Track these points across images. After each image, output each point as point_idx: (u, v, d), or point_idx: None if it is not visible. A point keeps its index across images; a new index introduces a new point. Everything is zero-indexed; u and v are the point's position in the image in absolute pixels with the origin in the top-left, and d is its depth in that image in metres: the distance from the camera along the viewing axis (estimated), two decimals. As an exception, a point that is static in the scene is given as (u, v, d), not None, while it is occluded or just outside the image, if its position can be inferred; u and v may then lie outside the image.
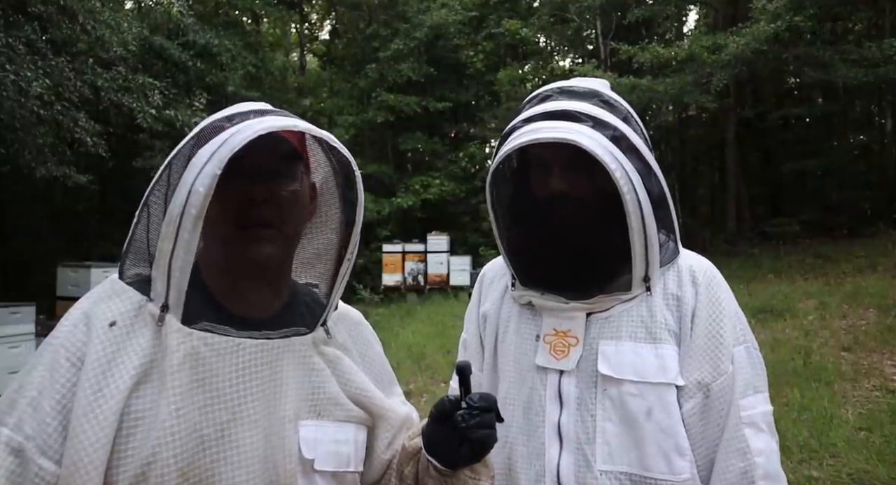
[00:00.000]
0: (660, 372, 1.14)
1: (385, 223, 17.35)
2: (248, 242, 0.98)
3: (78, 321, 0.94)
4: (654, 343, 1.16)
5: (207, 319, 0.95)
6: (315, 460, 1.00)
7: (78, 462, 0.85)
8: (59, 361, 0.91)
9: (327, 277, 1.15)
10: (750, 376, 1.17)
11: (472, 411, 1.00)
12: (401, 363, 7.76)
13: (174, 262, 0.91)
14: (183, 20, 13.40)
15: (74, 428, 0.86)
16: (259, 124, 0.93)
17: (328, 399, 1.04)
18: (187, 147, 0.97)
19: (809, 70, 13.36)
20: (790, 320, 7.78)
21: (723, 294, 1.21)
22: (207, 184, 0.89)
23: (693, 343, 1.16)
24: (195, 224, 0.90)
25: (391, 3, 19.49)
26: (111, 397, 0.88)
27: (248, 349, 0.96)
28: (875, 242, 12.42)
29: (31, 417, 0.88)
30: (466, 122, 20.65)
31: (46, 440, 0.87)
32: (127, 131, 12.68)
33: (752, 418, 1.14)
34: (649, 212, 1.13)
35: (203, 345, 0.93)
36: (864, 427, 4.46)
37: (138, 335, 0.93)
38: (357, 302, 11.06)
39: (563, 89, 1.26)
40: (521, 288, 1.28)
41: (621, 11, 16.42)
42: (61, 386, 0.89)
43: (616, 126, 1.16)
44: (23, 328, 6.07)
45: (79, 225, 15.57)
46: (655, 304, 1.18)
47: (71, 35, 9.42)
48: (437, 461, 1.05)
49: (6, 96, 7.78)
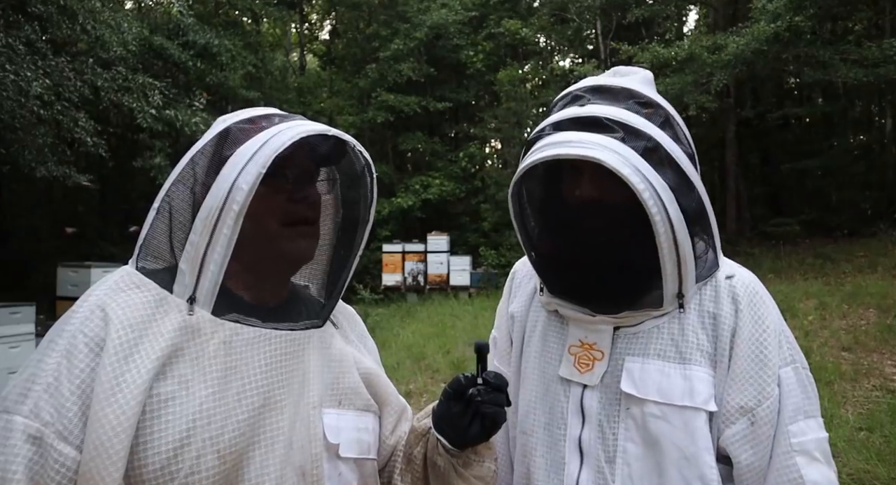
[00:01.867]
0: (686, 395, 1.07)
1: (385, 223, 17.34)
2: (291, 238, 1.03)
3: (94, 308, 0.94)
4: (684, 364, 1.09)
5: (237, 311, 0.99)
6: (340, 445, 1.04)
7: (100, 447, 0.85)
8: (78, 346, 0.91)
9: (319, 277, 1.21)
10: (800, 400, 1.08)
11: (488, 387, 1.04)
12: (401, 363, 7.76)
13: (209, 255, 0.94)
14: (183, 20, 13.41)
15: (96, 413, 0.87)
16: (299, 127, 0.99)
17: (349, 389, 1.09)
18: (211, 145, 1.01)
19: (809, 70, 13.35)
20: (790, 320, 7.71)
21: (766, 311, 1.11)
22: (251, 181, 0.94)
23: (734, 365, 1.08)
24: (236, 220, 0.94)
25: (391, 3, 19.49)
26: (133, 381, 0.89)
27: (275, 340, 1.00)
28: (875, 242, 12.42)
29: (48, 402, 0.87)
30: (466, 122, 20.66)
31: (67, 425, 0.87)
32: (127, 131, 12.69)
33: (803, 445, 1.05)
34: (682, 230, 1.06)
35: (234, 335, 0.97)
36: (864, 427, 4.47)
37: (160, 325, 0.94)
38: (357, 302, 11.05)
39: (597, 88, 1.18)
40: (549, 295, 1.23)
41: (621, 11, 16.42)
42: (80, 371, 0.89)
43: (651, 135, 1.07)
44: (23, 328, 6.06)
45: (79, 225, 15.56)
46: (689, 322, 1.11)
47: (71, 35, 9.42)
48: (446, 440, 1.09)
49: (6, 96, 7.78)
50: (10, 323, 5.97)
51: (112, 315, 0.93)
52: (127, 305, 0.94)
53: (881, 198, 15.33)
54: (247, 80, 16.73)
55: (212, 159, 1.00)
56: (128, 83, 10.23)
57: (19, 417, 0.87)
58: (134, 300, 0.95)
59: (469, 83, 19.83)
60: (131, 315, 0.93)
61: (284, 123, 1.01)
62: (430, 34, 18.16)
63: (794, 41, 12.89)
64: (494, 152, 21.97)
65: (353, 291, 12.38)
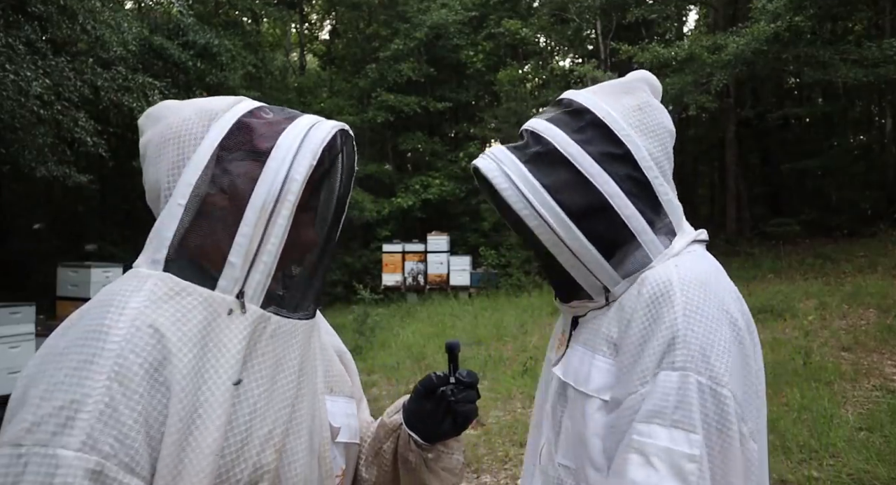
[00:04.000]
0: (584, 382, 1.13)
1: (385, 223, 17.35)
2: (307, 224, 1.04)
3: (140, 326, 0.85)
4: (593, 353, 1.15)
5: (275, 303, 0.99)
6: (340, 429, 1.09)
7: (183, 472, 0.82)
8: (132, 368, 0.82)
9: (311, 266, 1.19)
10: (669, 406, 0.98)
11: (460, 386, 1.10)
12: (401, 363, 7.76)
13: (264, 247, 0.94)
14: (183, 20, 13.42)
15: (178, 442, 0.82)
16: (328, 121, 1.02)
17: (337, 376, 1.14)
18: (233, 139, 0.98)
19: (809, 70, 13.35)
20: (790, 320, 7.79)
21: (667, 311, 1.05)
22: (304, 172, 0.95)
23: (620, 357, 1.09)
24: (291, 211, 0.95)
25: (391, 3, 19.50)
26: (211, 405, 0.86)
27: (300, 330, 1.00)
28: (875, 242, 12.42)
29: (104, 432, 0.78)
30: (466, 122, 20.66)
31: (133, 456, 0.79)
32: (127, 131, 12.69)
33: (643, 445, 0.97)
34: (563, 224, 1.12)
35: (278, 328, 0.97)
36: (864, 427, 4.47)
37: (219, 333, 0.90)
38: (357, 302, 11.04)
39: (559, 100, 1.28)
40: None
41: (621, 11, 16.43)
42: (140, 396, 0.81)
43: (549, 141, 1.15)
44: (23, 328, 6.06)
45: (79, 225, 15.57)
46: (610, 314, 1.16)
47: (71, 35, 9.43)
48: (418, 435, 1.14)
49: (6, 96, 7.78)
50: (10, 323, 5.97)
51: (167, 333, 0.86)
52: (178, 319, 0.88)
53: (881, 198, 15.33)
54: (247, 80, 16.74)
55: (243, 152, 0.97)
56: (128, 83, 10.24)
57: (67, 451, 0.75)
58: (183, 311, 0.89)
59: (469, 83, 19.84)
60: (187, 329, 0.88)
61: (304, 116, 1.04)
62: (430, 34, 18.17)
63: (794, 41, 12.89)
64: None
65: (353, 290, 12.37)
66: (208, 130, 0.99)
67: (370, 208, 16.71)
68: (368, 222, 17.04)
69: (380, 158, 19.56)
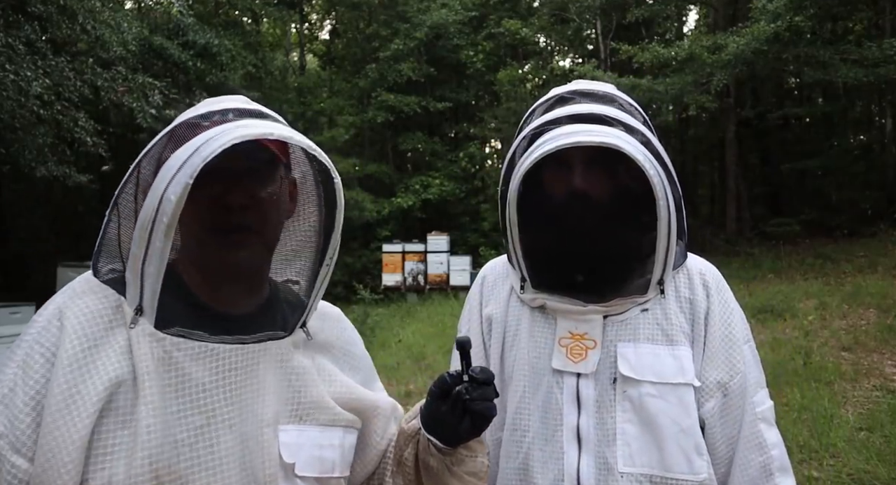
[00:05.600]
0: (678, 373, 1.16)
1: (385, 223, 17.35)
2: (227, 246, 0.97)
3: (52, 317, 0.93)
4: (671, 345, 1.18)
5: (181, 324, 0.94)
6: (296, 464, 0.99)
7: (51, 459, 0.84)
8: (34, 357, 0.90)
9: (307, 274, 1.14)
10: (757, 374, 1.23)
11: (474, 383, 1.03)
12: (401, 363, 7.76)
13: (147, 267, 0.91)
14: (183, 20, 13.42)
15: (48, 425, 0.85)
16: (235, 131, 0.91)
17: (311, 403, 1.03)
18: (158, 146, 0.98)
19: (809, 70, 13.36)
20: (790, 320, 7.79)
21: (730, 296, 1.26)
22: (179, 193, 0.87)
23: (709, 344, 1.20)
24: (167, 233, 0.89)
25: (391, 3, 19.50)
26: (87, 394, 0.87)
27: (222, 354, 0.95)
28: (875, 242, 12.42)
29: (2, 414, 0.87)
30: (466, 122, 20.67)
31: (19, 437, 0.86)
32: (127, 131, 12.69)
33: (763, 413, 1.20)
34: (674, 217, 1.16)
35: (176, 350, 0.92)
36: (864, 427, 4.47)
37: (116, 334, 0.92)
38: (357, 302, 11.04)
39: (581, 92, 1.26)
40: (533, 291, 1.25)
41: (621, 11, 16.43)
42: (35, 382, 0.88)
43: (643, 131, 1.17)
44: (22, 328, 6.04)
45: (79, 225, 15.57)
46: (669, 306, 1.20)
47: (71, 35, 9.43)
48: (437, 439, 1.07)
49: (6, 96, 7.79)
50: (10, 323, 5.97)
51: (67, 324, 0.91)
52: (83, 313, 0.92)
53: (881, 198, 15.33)
54: (247, 80, 16.75)
55: (155, 163, 0.96)
56: (128, 83, 10.24)
57: None
58: (90, 307, 0.93)
59: (469, 83, 19.85)
60: (86, 323, 0.91)
61: (229, 123, 0.94)
62: (430, 34, 18.18)
63: (794, 41, 12.90)
64: (494, 152, 21.99)
65: (353, 291, 12.37)
66: (156, 137, 0.99)
67: (370, 208, 16.71)
68: (368, 222, 17.03)
69: (380, 158, 19.56)
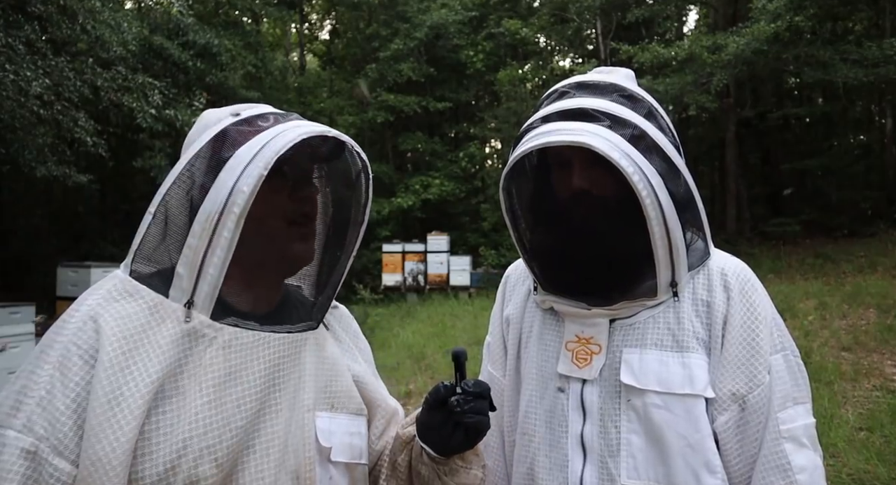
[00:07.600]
0: (686, 383, 1.07)
1: (385, 223, 17.34)
2: (293, 239, 1.04)
3: (86, 319, 0.93)
4: (681, 352, 1.09)
5: (234, 315, 0.98)
6: (332, 449, 1.03)
7: (98, 462, 0.85)
8: (71, 359, 0.90)
9: (313, 277, 1.19)
10: (789, 387, 1.08)
11: (467, 396, 1.02)
12: (401, 363, 7.75)
13: (209, 258, 0.93)
14: (183, 20, 13.40)
15: (93, 427, 0.85)
16: (299, 128, 0.98)
17: (342, 392, 1.08)
18: (208, 147, 1.00)
19: (809, 70, 13.35)
20: (790, 320, 7.78)
21: (758, 298, 1.13)
22: (253, 184, 0.92)
23: (726, 352, 1.09)
24: (237, 223, 0.93)
25: (391, 3, 19.49)
26: (132, 395, 0.88)
27: (273, 343, 1.00)
28: (875, 242, 12.42)
29: (41, 416, 0.86)
30: (466, 122, 20.66)
31: (62, 440, 0.86)
32: (127, 131, 12.68)
33: (792, 432, 1.06)
34: (673, 215, 1.07)
35: (234, 339, 0.96)
36: (864, 427, 4.47)
37: (156, 334, 0.93)
38: (357, 302, 11.04)
39: (581, 84, 1.19)
40: (543, 293, 1.22)
41: (621, 11, 16.42)
42: (75, 384, 0.88)
43: (636, 124, 1.08)
44: (22, 328, 6.06)
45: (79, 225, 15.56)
46: (683, 310, 1.11)
47: (71, 35, 9.42)
48: (431, 448, 1.07)
49: (6, 96, 7.78)
50: (10, 323, 5.97)
51: (104, 326, 0.91)
52: (119, 316, 0.93)
53: (881, 198, 15.33)
54: (247, 80, 16.74)
55: (210, 162, 0.98)
56: (128, 83, 10.23)
57: (12, 431, 0.86)
58: (127, 310, 0.94)
59: (469, 83, 19.83)
60: (124, 326, 0.92)
61: (283, 124, 1.00)
62: (430, 34, 18.17)
63: (794, 41, 12.90)
64: (494, 152, 21.97)
65: (353, 290, 12.37)
66: (200, 140, 1.01)
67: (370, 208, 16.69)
68: (368, 222, 16.96)
69: (380, 158, 19.54)
